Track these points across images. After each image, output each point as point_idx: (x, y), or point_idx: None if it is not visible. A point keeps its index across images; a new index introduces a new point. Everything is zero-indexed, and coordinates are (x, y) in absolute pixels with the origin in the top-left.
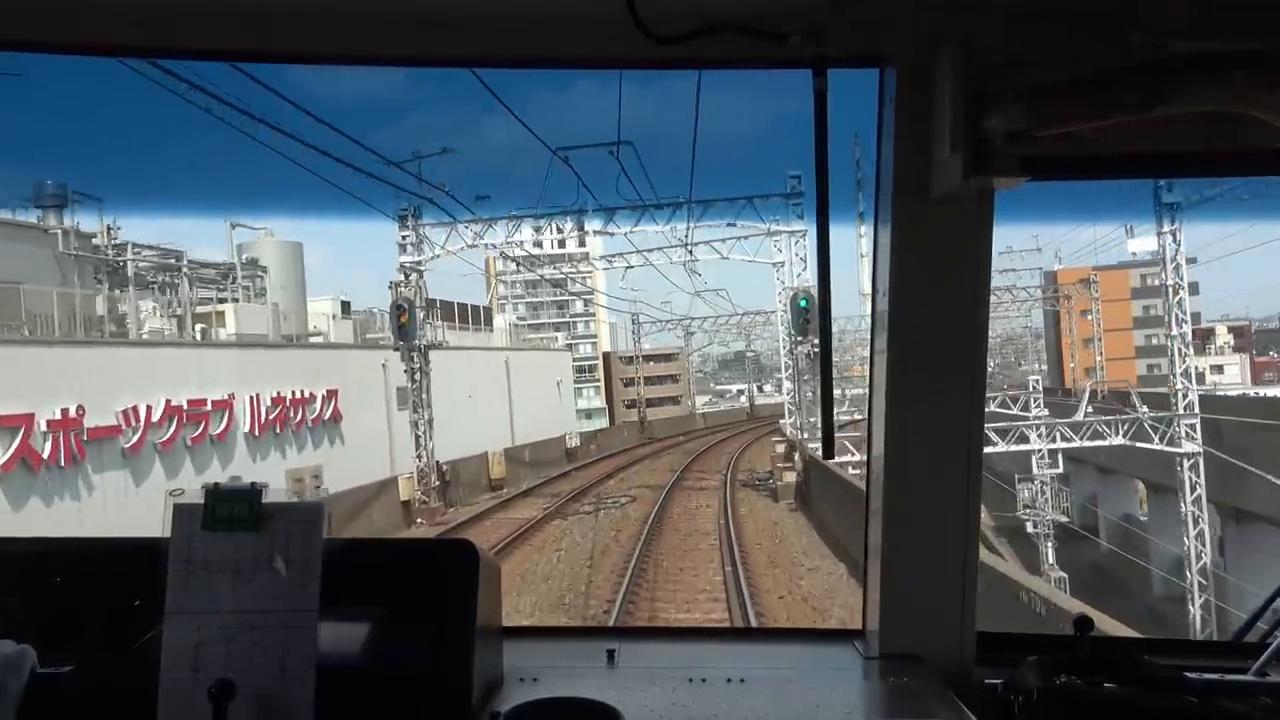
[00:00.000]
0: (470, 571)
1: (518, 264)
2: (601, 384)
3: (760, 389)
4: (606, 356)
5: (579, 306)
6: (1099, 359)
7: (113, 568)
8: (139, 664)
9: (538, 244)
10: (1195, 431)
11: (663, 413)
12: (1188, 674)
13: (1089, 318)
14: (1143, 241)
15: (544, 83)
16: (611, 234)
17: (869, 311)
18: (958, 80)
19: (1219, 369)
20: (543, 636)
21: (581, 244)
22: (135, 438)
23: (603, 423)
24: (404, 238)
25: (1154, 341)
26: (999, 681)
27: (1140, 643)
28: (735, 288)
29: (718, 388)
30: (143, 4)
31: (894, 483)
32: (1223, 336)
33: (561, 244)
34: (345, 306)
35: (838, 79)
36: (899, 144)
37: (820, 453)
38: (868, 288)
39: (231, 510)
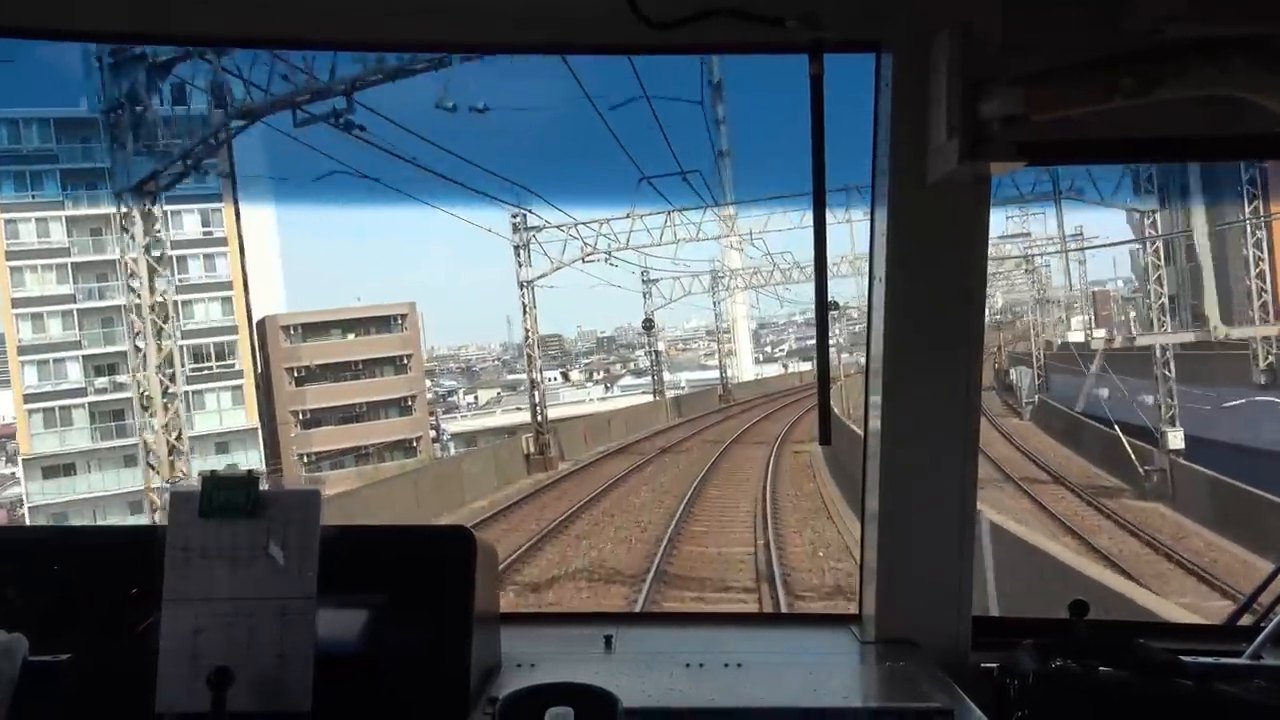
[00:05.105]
0: (467, 558)
1: None
2: (248, 380)
3: (566, 376)
4: (263, 327)
5: (192, 225)
6: None
7: (110, 556)
8: (137, 652)
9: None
10: None
11: (361, 435)
12: (1183, 657)
13: None
14: None
15: None
16: None
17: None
18: (954, 65)
19: None
20: (540, 623)
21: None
22: None
23: (245, 457)
24: None
25: None
26: (995, 665)
27: (1135, 626)
28: None
29: (510, 378)
30: None
31: (890, 467)
32: None
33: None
34: None
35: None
36: (895, 128)
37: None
38: None
39: (229, 497)
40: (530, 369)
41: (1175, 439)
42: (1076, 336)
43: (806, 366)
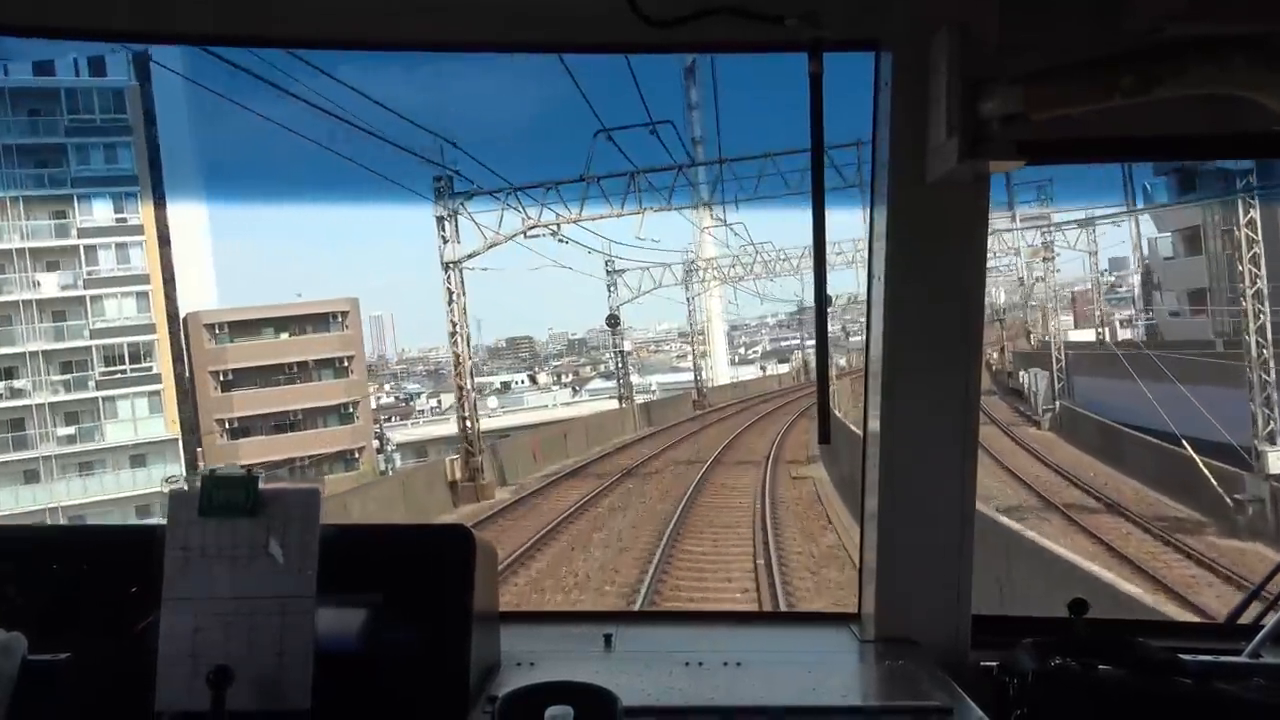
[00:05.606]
0: (467, 556)
1: None
2: (167, 385)
3: (534, 380)
4: (186, 325)
5: (101, 212)
6: None
7: (110, 555)
8: (137, 651)
9: None
10: None
11: (296, 446)
12: (1182, 656)
13: None
14: None
15: None
16: None
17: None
18: (954, 64)
19: None
20: (540, 621)
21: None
22: None
23: (161, 470)
24: None
25: None
26: (994, 664)
27: (1134, 625)
28: None
29: (478, 380)
30: None
31: (890, 466)
32: None
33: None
34: None
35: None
36: (895, 127)
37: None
38: None
39: (228, 496)
40: (459, 373)
41: (1278, 461)
42: (1086, 335)
43: (785, 368)
